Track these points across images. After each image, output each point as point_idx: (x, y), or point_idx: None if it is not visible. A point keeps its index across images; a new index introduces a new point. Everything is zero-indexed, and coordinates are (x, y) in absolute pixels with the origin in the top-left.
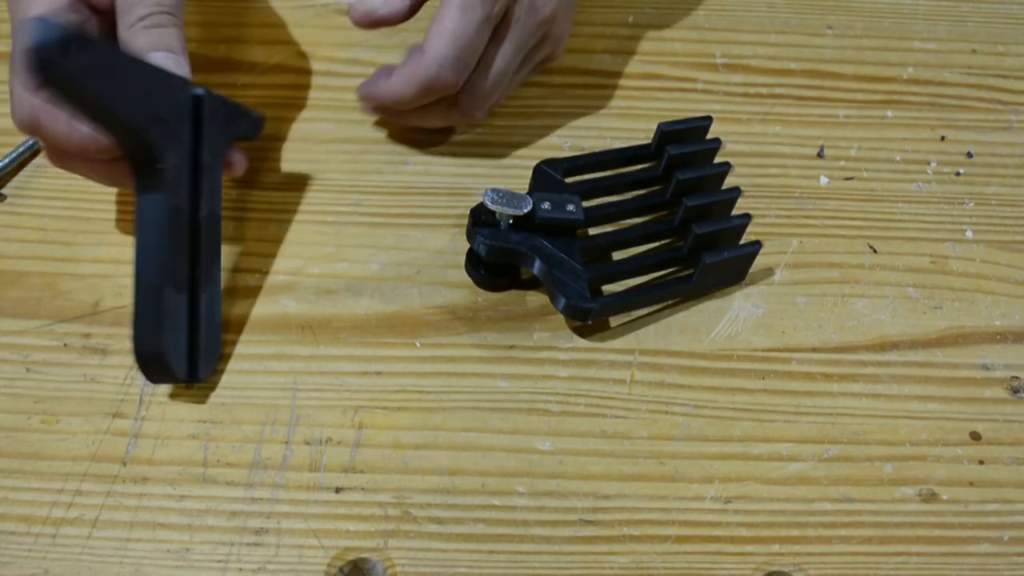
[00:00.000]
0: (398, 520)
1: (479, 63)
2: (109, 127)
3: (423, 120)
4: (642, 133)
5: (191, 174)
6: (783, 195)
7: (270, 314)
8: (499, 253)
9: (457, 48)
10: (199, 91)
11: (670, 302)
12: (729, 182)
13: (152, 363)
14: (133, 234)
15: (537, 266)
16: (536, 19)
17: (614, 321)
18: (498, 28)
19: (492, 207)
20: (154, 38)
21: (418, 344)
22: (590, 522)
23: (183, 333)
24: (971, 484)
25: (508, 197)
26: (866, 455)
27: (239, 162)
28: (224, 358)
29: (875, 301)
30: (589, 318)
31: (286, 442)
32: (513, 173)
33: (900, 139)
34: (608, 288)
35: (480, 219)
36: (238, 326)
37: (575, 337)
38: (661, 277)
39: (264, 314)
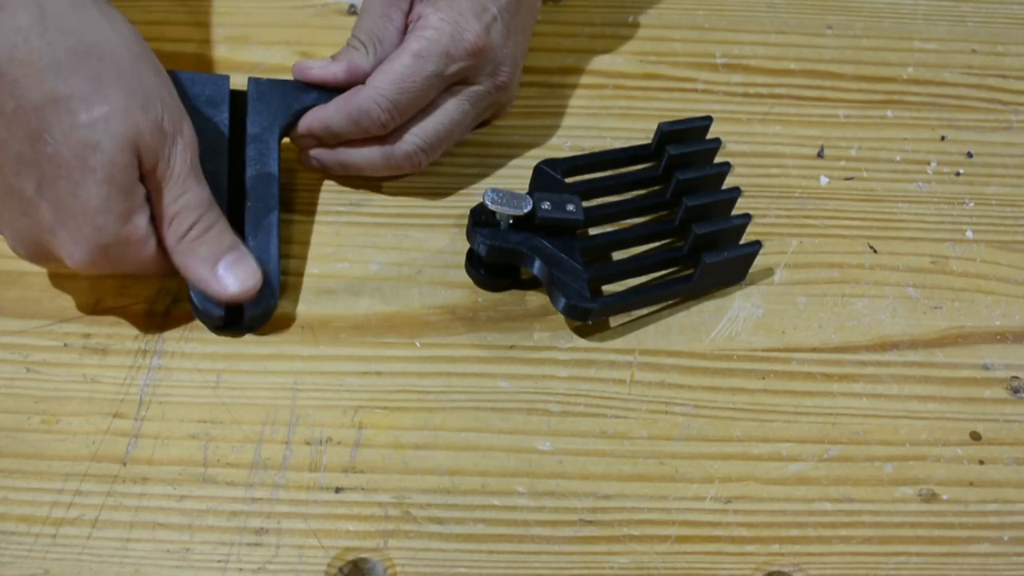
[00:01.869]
0: (398, 520)
1: (434, 109)
2: None
3: (360, 159)
4: (642, 133)
5: (235, 146)
6: (783, 195)
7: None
8: (499, 253)
9: (397, 91)
10: (234, 87)
11: (670, 302)
12: (729, 182)
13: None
14: None
15: (537, 266)
16: (494, 83)
17: (614, 321)
18: (454, 86)
19: (492, 207)
20: (212, 246)
21: (418, 344)
22: (590, 522)
23: None
24: (971, 484)
25: (508, 197)
26: (866, 455)
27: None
28: (224, 358)
29: (875, 301)
30: (589, 318)
31: (286, 442)
32: (513, 173)
33: (900, 139)
34: (608, 288)
35: (480, 219)
36: None
37: (575, 337)
38: (661, 277)
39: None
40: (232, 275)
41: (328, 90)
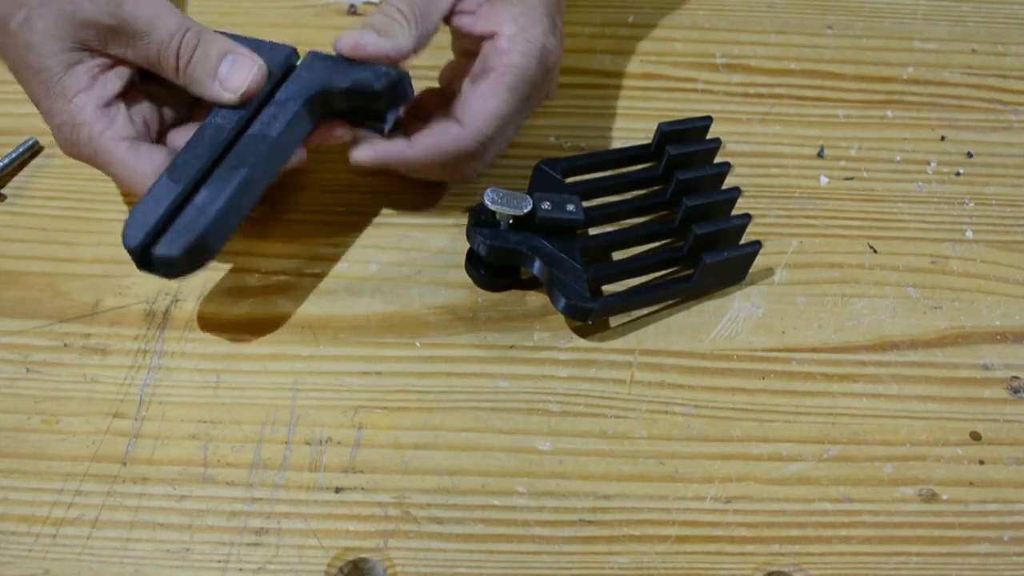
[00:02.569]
0: (398, 520)
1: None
2: None
3: (421, 176)
4: (642, 133)
5: (257, 106)
6: (783, 195)
7: (270, 314)
8: (499, 253)
9: (499, 128)
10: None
11: (670, 302)
12: (729, 182)
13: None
14: None
15: (537, 266)
16: (554, 85)
17: (614, 321)
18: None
19: (492, 207)
20: (204, 64)
21: (418, 344)
22: (590, 522)
23: (152, 214)
24: (971, 484)
25: (508, 197)
26: (866, 455)
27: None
28: (224, 358)
29: (875, 301)
30: (589, 318)
31: (286, 442)
32: (513, 173)
33: (900, 139)
34: (608, 288)
35: (480, 219)
36: (238, 326)
37: (575, 337)
38: (661, 277)
39: (264, 314)
40: (232, 77)
41: (360, 64)
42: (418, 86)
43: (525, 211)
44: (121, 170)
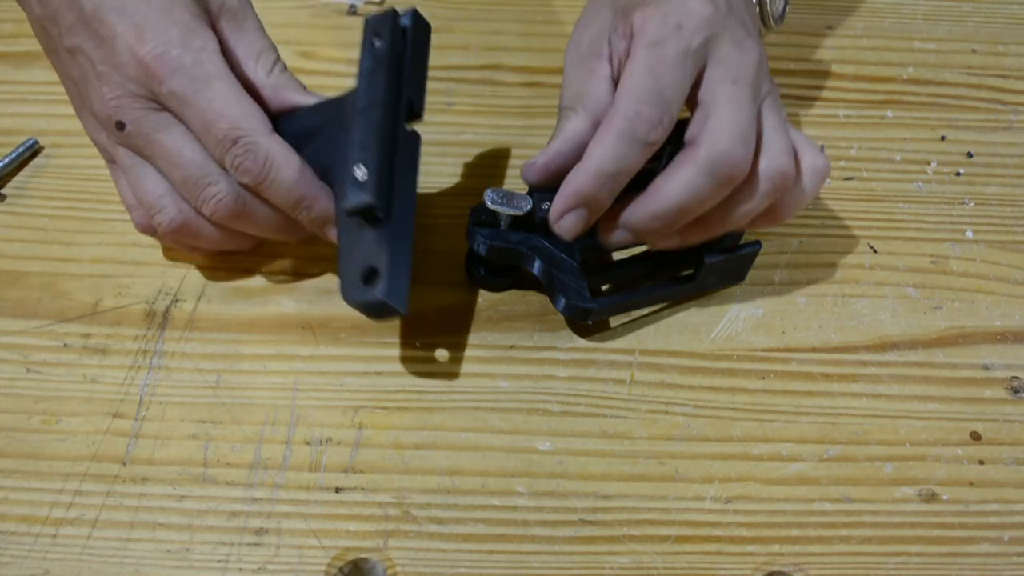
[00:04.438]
0: (398, 520)
1: (709, 102)
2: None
3: (675, 191)
4: None
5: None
6: None
7: (270, 314)
8: (499, 253)
9: (654, 84)
10: (405, 20)
11: (670, 302)
12: None
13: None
14: None
15: (537, 266)
16: (742, 47)
17: (614, 321)
18: (708, 68)
19: (492, 207)
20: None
21: (418, 344)
22: (590, 522)
23: (404, 277)
24: (971, 484)
25: (508, 197)
26: (866, 455)
27: None
28: (224, 358)
29: (875, 301)
30: (589, 318)
31: (286, 442)
32: (513, 173)
33: (900, 139)
34: (608, 288)
35: (480, 219)
36: (238, 326)
37: (575, 337)
38: (661, 277)
39: (264, 314)
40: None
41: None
42: None
43: (525, 211)
44: (224, 97)
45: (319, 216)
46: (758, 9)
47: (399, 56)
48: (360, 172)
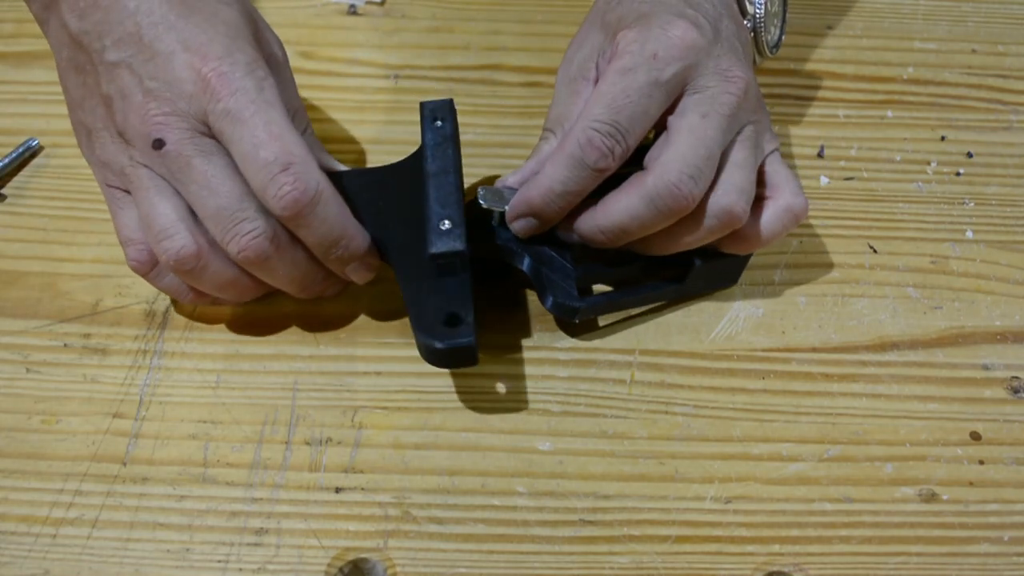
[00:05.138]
0: (398, 520)
1: (676, 130)
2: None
3: (620, 214)
4: None
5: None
6: None
7: (270, 314)
8: (488, 250)
9: (612, 111)
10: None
11: (666, 302)
12: None
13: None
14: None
15: (527, 263)
16: (727, 80)
17: (614, 321)
18: (683, 97)
19: (485, 205)
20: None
21: None
22: (590, 522)
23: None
24: (971, 484)
25: (499, 195)
26: (866, 455)
27: None
28: (224, 358)
29: (875, 301)
30: (577, 317)
31: (286, 442)
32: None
33: (900, 139)
34: (599, 288)
35: (472, 216)
36: (238, 326)
37: (575, 337)
38: (652, 278)
39: (264, 314)
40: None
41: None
42: None
43: None
44: (280, 124)
45: (353, 254)
46: (752, 35)
47: (456, 136)
48: (446, 225)
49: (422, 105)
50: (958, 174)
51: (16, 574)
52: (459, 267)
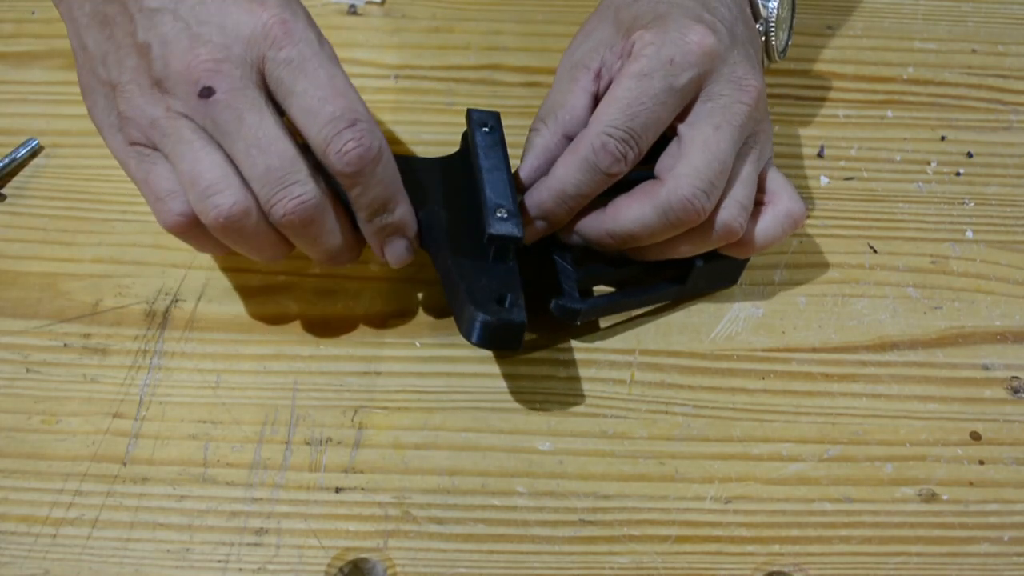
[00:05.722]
0: (398, 520)
1: (688, 139)
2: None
3: (631, 222)
4: None
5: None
6: None
7: (270, 314)
8: None
9: (627, 117)
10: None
11: (666, 303)
12: None
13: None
14: None
15: (528, 266)
16: (741, 88)
17: (615, 321)
18: (695, 104)
19: None
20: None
21: (418, 344)
22: (590, 522)
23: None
24: (971, 484)
25: None
26: (866, 455)
27: None
28: (224, 358)
29: (875, 301)
30: (578, 319)
31: (286, 442)
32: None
33: (900, 139)
34: (599, 289)
35: None
36: (238, 326)
37: (575, 337)
38: (653, 279)
39: (264, 314)
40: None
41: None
42: None
43: None
44: (344, 80)
45: (399, 221)
46: (763, 39)
47: (504, 141)
48: (503, 213)
49: (469, 112)
50: (958, 174)
51: (16, 574)
52: (511, 254)
